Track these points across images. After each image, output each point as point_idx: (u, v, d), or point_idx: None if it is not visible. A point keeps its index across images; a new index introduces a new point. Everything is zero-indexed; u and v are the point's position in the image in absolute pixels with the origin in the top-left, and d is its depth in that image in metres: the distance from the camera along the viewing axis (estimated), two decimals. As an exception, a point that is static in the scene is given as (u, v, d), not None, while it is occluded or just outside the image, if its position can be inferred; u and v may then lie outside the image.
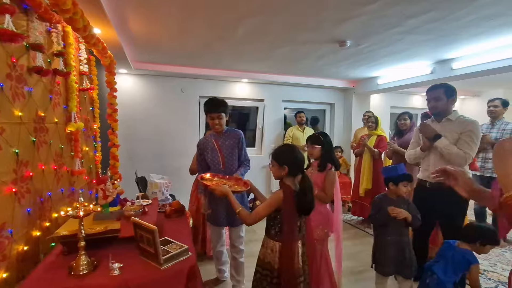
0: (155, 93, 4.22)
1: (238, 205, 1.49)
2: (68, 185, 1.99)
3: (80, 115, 2.22)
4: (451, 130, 2.11)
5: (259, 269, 1.48)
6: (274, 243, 1.44)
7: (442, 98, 2.11)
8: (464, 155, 2.02)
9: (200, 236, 2.75)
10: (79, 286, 1.18)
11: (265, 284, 1.43)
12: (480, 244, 1.75)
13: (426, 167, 2.26)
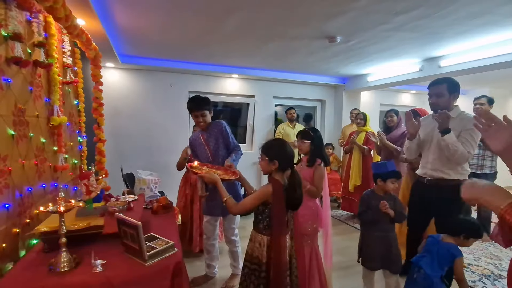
0: (144, 88, 4.14)
1: (226, 194, 1.49)
2: (50, 181, 1.93)
3: (63, 109, 2.15)
4: (452, 128, 2.00)
5: (247, 263, 1.48)
6: (262, 237, 1.44)
7: (444, 95, 2.04)
8: (467, 155, 1.96)
9: (188, 233, 2.73)
10: (60, 284, 1.14)
11: (253, 278, 1.43)
12: (464, 238, 1.78)
13: (425, 164, 2.24)
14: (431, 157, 2.16)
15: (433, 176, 2.15)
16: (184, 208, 2.75)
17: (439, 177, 2.12)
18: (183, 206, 2.77)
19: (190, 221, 2.73)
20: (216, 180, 1.54)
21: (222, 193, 1.50)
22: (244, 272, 1.49)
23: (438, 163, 2.11)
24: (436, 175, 2.13)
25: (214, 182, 1.55)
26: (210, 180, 1.56)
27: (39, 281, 1.16)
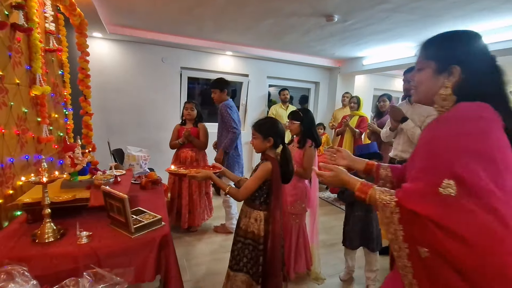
0: (134, 62, 3.98)
1: (225, 185, 1.51)
2: (34, 153, 1.88)
3: (46, 78, 2.05)
4: (419, 113, 2.20)
5: (240, 239, 1.52)
6: (259, 212, 1.49)
7: None
8: None
9: (175, 209, 2.76)
10: (43, 254, 1.13)
11: (246, 252, 1.49)
12: None
13: (396, 146, 2.41)
14: (401, 140, 2.33)
15: (402, 158, 2.31)
16: (173, 184, 2.76)
17: (407, 158, 2.26)
18: (172, 182, 2.78)
19: (179, 198, 2.74)
20: (210, 175, 1.54)
21: (221, 186, 1.51)
22: (238, 246, 1.52)
23: (407, 146, 2.29)
24: (405, 156, 2.30)
25: (209, 178, 1.55)
26: (204, 177, 1.55)
27: (23, 250, 1.15)
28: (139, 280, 1.24)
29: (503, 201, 0.67)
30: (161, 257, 1.31)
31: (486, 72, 0.81)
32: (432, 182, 0.72)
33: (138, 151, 3.49)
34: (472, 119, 0.75)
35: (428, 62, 0.88)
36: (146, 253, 1.27)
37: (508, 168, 0.71)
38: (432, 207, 0.70)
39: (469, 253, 0.66)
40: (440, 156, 0.75)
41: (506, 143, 0.74)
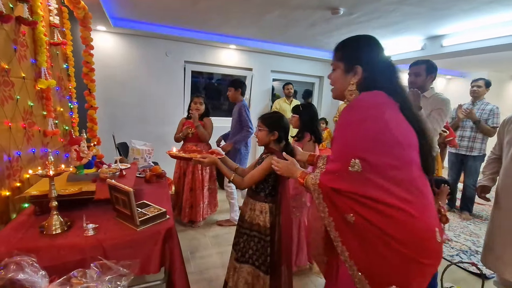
0: (138, 55, 3.97)
1: (230, 173, 1.54)
2: (40, 146, 1.90)
3: (51, 71, 2.06)
4: (424, 107, 2.15)
5: (246, 231, 1.54)
6: (264, 204, 1.51)
7: (422, 74, 2.12)
8: (433, 131, 2.09)
9: (179, 203, 2.80)
10: (51, 245, 1.16)
11: (252, 244, 1.51)
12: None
13: None
14: None
15: None
16: (178, 179, 2.80)
17: None
18: (178, 177, 2.81)
19: (182, 193, 2.77)
20: (216, 161, 1.56)
21: (226, 173, 1.54)
22: (243, 239, 1.54)
23: None
24: None
25: (215, 164, 1.56)
26: (210, 163, 1.56)
27: (31, 241, 1.18)
28: (144, 272, 1.26)
29: (398, 169, 0.87)
30: (165, 249, 1.33)
31: (382, 69, 0.98)
32: (343, 163, 0.89)
33: (142, 144, 3.52)
34: (369, 106, 0.93)
35: (338, 63, 1.04)
36: (151, 245, 1.29)
37: (404, 138, 0.90)
38: (346, 182, 0.89)
39: (380, 212, 0.85)
40: (347, 140, 0.93)
41: (401, 119, 0.93)
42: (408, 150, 0.90)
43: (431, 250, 0.89)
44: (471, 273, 2.30)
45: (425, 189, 0.91)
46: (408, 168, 0.88)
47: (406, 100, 0.97)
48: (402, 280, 0.87)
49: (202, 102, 2.77)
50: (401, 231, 0.85)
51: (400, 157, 0.88)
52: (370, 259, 0.88)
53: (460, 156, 3.46)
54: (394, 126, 0.89)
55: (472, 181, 3.39)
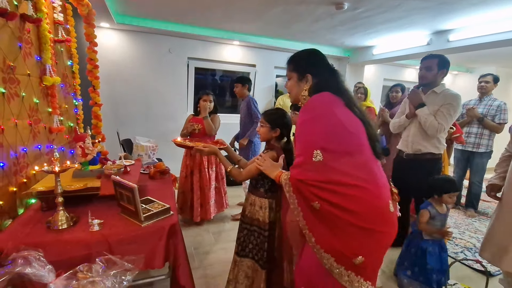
0: (141, 52, 3.98)
1: (228, 164, 1.53)
2: (46, 142, 1.92)
3: (56, 68, 2.07)
4: (433, 103, 2.13)
5: (246, 226, 1.55)
6: (264, 200, 1.51)
7: (433, 69, 2.09)
8: (437, 126, 2.06)
9: (189, 202, 2.75)
10: (58, 240, 1.18)
11: (252, 238, 1.53)
12: (438, 196, 1.88)
13: (406, 138, 2.31)
14: (412, 130, 2.24)
15: (412, 148, 2.25)
16: (185, 178, 2.76)
17: (416, 149, 2.23)
18: (185, 176, 2.77)
19: (191, 192, 2.73)
20: (216, 151, 1.56)
21: (224, 164, 1.53)
22: (244, 233, 1.56)
23: (418, 136, 2.21)
24: (414, 147, 2.23)
25: (214, 154, 1.57)
26: (210, 152, 1.57)
27: (38, 237, 1.19)
28: (149, 267, 1.28)
29: (353, 154, 1.03)
30: (169, 245, 1.34)
31: (327, 75, 1.18)
32: (307, 155, 1.03)
33: (146, 141, 3.54)
34: (319, 105, 1.11)
35: (292, 73, 1.25)
36: (155, 241, 1.30)
37: (354, 128, 1.07)
38: (311, 172, 1.02)
39: (342, 193, 1.00)
40: (307, 135, 1.09)
41: (348, 112, 1.10)
42: (357, 138, 1.07)
43: (386, 219, 1.05)
44: (475, 270, 2.28)
45: (376, 168, 1.09)
46: (360, 153, 1.05)
47: (350, 98, 1.15)
48: (366, 250, 1.03)
49: (211, 99, 2.73)
50: (360, 205, 1.00)
51: (353, 144, 1.05)
52: (336, 239, 1.02)
53: (466, 153, 3.42)
54: (344, 119, 1.06)
55: (478, 178, 3.35)
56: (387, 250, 1.12)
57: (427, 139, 2.17)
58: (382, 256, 1.12)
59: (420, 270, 1.98)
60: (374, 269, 1.11)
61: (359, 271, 1.04)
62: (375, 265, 1.11)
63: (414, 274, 2.00)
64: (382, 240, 1.07)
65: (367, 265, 1.04)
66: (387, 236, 1.08)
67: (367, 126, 1.12)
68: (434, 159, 2.19)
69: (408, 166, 2.28)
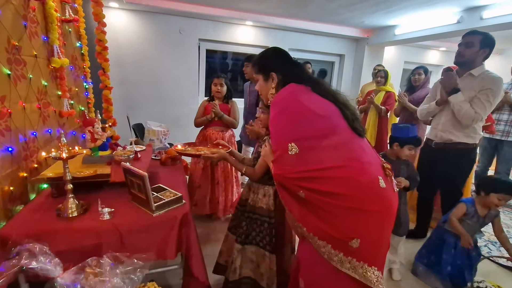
0: (151, 33, 3.86)
1: (241, 166, 1.48)
2: (56, 127, 1.88)
3: (64, 50, 2.00)
4: (470, 87, 1.91)
5: (249, 214, 1.51)
6: (268, 188, 1.47)
7: (475, 46, 1.86)
8: (473, 115, 1.87)
9: (209, 197, 2.49)
10: (68, 228, 1.14)
11: (255, 226, 1.49)
12: (485, 194, 1.75)
13: (436, 125, 2.14)
14: (443, 118, 2.07)
15: (442, 138, 2.09)
16: (203, 170, 2.45)
17: (447, 139, 2.06)
18: (202, 168, 2.46)
19: (211, 185, 2.48)
20: (226, 156, 1.51)
21: (237, 167, 1.50)
22: (246, 222, 1.52)
23: (449, 124, 2.04)
24: (445, 136, 2.06)
25: (224, 159, 1.51)
26: (219, 159, 1.51)
27: (48, 224, 1.16)
28: (161, 257, 1.23)
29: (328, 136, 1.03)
30: (182, 234, 1.29)
31: (289, 68, 1.22)
32: (282, 149, 1.04)
33: (158, 126, 3.48)
34: (284, 97, 1.13)
35: (258, 75, 1.29)
36: (167, 231, 1.25)
37: (323, 110, 1.07)
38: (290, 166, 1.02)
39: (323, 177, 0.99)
40: (277, 130, 1.10)
41: (315, 97, 1.10)
42: (329, 119, 1.06)
43: (376, 196, 1.01)
44: (501, 266, 2.17)
45: (358, 147, 1.06)
46: (337, 133, 1.04)
47: (316, 83, 1.16)
48: (361, 231, 0.98)
49: (223, 83, 2.47)
50: (344, 186, 0.98)
51: (326, 127, 1.04)
52: (326, 224, 1.00)
53: (494, 141, 3.20)
54: (310, 104, 1.06)
55: (505, 168, 3.15)
56: (388, 229, 1.07)
57: (460, 128, 1.99)
58: (382, 236, 1.05)
59: (436, 259, 1.93)
60: (376, 253, 1.04)
61: (359, 255, 0.99)
62: (377, 248, 1.04)
63: (430, 262, 1.95)
64: (376, 219, 1.01)
65: (366, 248, 0.99)
66: (381, 214, 1.02)
67: (340, 106, 1.10)
68: (467, 149, 2.02)
69: (436, 156, 2.12)
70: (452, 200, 2.13)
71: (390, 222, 1.08)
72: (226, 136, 2.55)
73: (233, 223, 1.62)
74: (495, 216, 1.83)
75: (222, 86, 2.49)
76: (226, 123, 2.50)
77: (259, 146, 1.52)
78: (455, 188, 2.13)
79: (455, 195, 2.13)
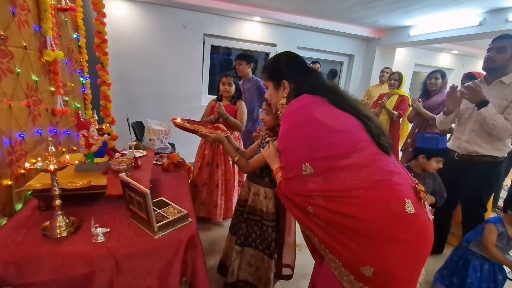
0: (153, 26, 3.66)
1: (235, 154, 1.43)
2: (49, 126, 1.71)
3: (59, 41, 1.82)
4: (501, 96, 1.76)
5: (250, 216, 1.49)
6: (269, 190, 1.44)
7: (507, 51, 1.72)
8: (510, 128, 1.71)
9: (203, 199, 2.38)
10: (54, 253, 0.97)
11: (256, 228, 1.47)
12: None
13: (459, 136, 1.98)
14: (468, 128, 1.92)
15: (466, 150, 1.93)
16: (199, 169, 2.35)
17: (472, 151, 1.91)
18: (199, 167, 2.35)
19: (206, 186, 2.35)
20: (222, 139, 1.46)
21: (231, 154, 1.44)
22: (247, 223, 1.49)
23: (475, 135, 1.88)
24: (470, 148, 1.91)
25: (220, 142, 1.47)
26: (216, 140, 1.48)
27: (32, 247, 0.99)
28: (162, 286, 1.07)
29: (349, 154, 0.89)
30: (187, 259, 1.12)
31: (303, 76, 1.10)
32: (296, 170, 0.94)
33: (159, 124, 3.30)
34: (296, 110, 1.00)
35: (268, 82, 1.18)
36: (171, 255, 1.08)
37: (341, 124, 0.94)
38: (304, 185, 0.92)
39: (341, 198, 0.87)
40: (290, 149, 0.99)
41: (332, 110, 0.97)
42: (349, 134, 0.93)
43: (402, 223, 0.84)
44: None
45: (385, 164, 0.91)
46: (358, 150, 0.90)
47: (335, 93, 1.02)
48: (376, 260, 0.83)
49: (231, 82, 2.33)
50: (371, 211, 0.84)
51: (345, 143, 0.91)
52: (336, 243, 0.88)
53: None
54: (326, 118, 0.94)
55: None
56: (418, 265, 0.89)
57: (488, 140, 1.84)
58: (408, 270, 0.85)
59: (459, 282, 1.79)
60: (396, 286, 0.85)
61: (374, 285, 0.84)
62: (398, 283, 0.85)
63: (452, 284, 1.81)
64: (401, 249, 0.83)
65: (382, 281, 0.83)
66: (404, 244, 0.84)
67: (363, 119, 0.95)
68: (494, 162, 1.87)
69: (458, 168, 1.97)
70: (475, 216, 1.99)
71: (422, 256, 0.89)
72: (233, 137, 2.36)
73: (233, 222, 1.60)
74: None
75: (231, 86, 2.34)
76: (231, 125, 2.33)
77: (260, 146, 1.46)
78: (480, 204, 1.98)
79: (479, 211, 1.99)
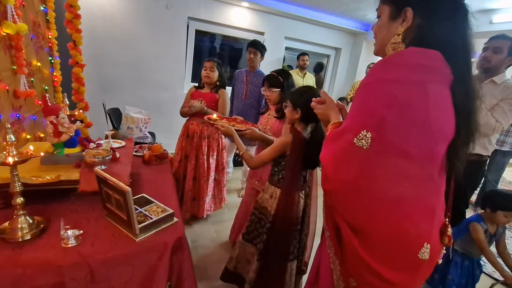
0: (134, 5, 3.36)
1: (243, 147, 1.42)
2: (10, 110, 1.49)
3: (22, 13, 1.58)
4: (491, 95, 1.81)
5: (256, 212, 1.48)
6: (275, 189, 1.42)
7: (503, 52, 1.75)
8: (494, 124, 1.75)
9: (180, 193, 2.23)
10: (13, 261, 0.82)
11: (258, 226, 1.45)
12: (491, 211, 1.66)
13: None
14: None
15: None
16: (179, 162, 2.22)
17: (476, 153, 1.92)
18: (179, 160, 2.23)
19: (183, 181, 2.23)
20: (232, 133, 1.47)
21: (239, 146, 1.43)
22: (252, 218, 1.49)
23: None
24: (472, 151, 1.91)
25: (230, 135, 1.47)
26: (226, 133, 1.49)
27: (-14, 254, 0.83)
28: (145, 294, 0.95)
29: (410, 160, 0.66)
30: (173, 263, 1.02)
31: (445, 16, 0.69)
32: (350, 131, 0.69)
33: (138, 112, 3.08)
34: (412, 67, 0.67)
35: (384, 7, 0.79)
36: (154, 261, 0.97)
37: (438, 123, 0.67)
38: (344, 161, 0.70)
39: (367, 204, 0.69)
40: (363, 103, 0.70)
41: (445, 98, 0.68)
42: (435, 143, 0.68)
43: (403, 261, 0.70)
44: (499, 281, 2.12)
45: (437, 191, 0.71)
46: (421, 163, 0.68)
47: (465, 72, 0.70)
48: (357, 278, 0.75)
49: (214, 68, 2.14)
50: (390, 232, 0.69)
51: (421, 146, 0.67)
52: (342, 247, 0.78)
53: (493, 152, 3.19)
54: (432, 105, 0.65)
55: (496, 177, 3.15)
56: None
57: None
58: None
59: (440, 278, 1.85)
60: None
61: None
62: None
63: (434, 281, 1.86)
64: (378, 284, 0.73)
65: None
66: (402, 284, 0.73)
67: (462, 123, 0.71)
68: (479, 161, 1.92)
69: None
70: (458, 213, 2.04)
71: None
72: (211, 130, 2.21)
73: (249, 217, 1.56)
74: (502, 232, 1.77)
75: (213, 71, 2.15)
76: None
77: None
78: (463, 201, 2.04)
79: (462, 208, 2.05)
